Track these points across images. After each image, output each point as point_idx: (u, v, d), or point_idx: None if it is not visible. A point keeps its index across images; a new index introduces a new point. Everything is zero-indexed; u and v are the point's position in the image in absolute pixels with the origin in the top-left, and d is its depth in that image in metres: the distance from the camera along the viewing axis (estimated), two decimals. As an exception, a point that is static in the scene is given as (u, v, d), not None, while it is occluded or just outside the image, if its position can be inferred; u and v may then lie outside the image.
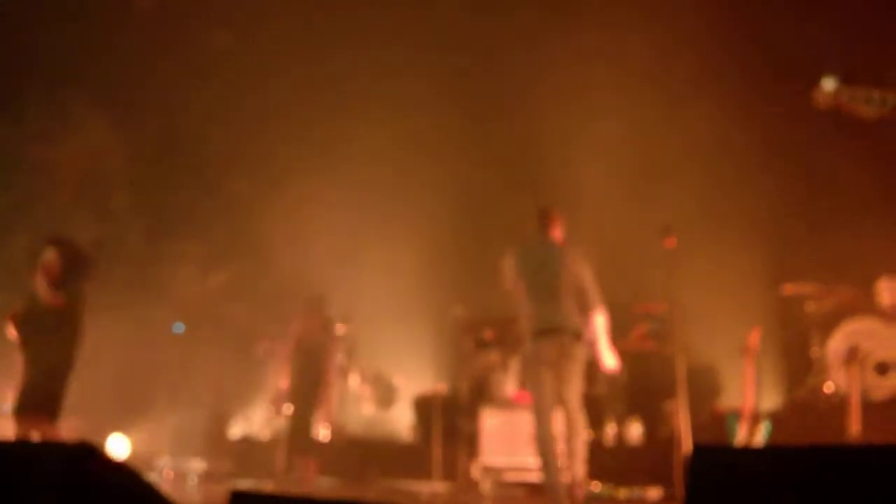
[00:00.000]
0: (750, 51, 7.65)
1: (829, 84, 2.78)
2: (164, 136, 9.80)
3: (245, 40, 9.72)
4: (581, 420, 5.36)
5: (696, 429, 6.17)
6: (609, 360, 5.63)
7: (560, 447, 5.22)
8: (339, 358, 8.59)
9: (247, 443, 8.73)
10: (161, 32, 9.38)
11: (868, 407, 5.40)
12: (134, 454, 8.87)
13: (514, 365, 7.57)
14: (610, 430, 6.88)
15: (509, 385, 7.63)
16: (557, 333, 5.27)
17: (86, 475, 2.12)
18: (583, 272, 5.50)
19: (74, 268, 5.87)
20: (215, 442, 8.48)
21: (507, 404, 6.96)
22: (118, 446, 8.90)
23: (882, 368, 6.19)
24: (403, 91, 8.83)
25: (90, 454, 2.15)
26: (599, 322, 5.51)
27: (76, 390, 9.24)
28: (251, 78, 9.46)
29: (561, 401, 5.29)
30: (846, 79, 2.79)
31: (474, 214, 8.82)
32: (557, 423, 5.27)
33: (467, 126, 8.78)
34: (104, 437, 8.88)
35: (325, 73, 9.32)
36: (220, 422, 8.79)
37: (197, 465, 8.17)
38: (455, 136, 8.78)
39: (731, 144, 7.64)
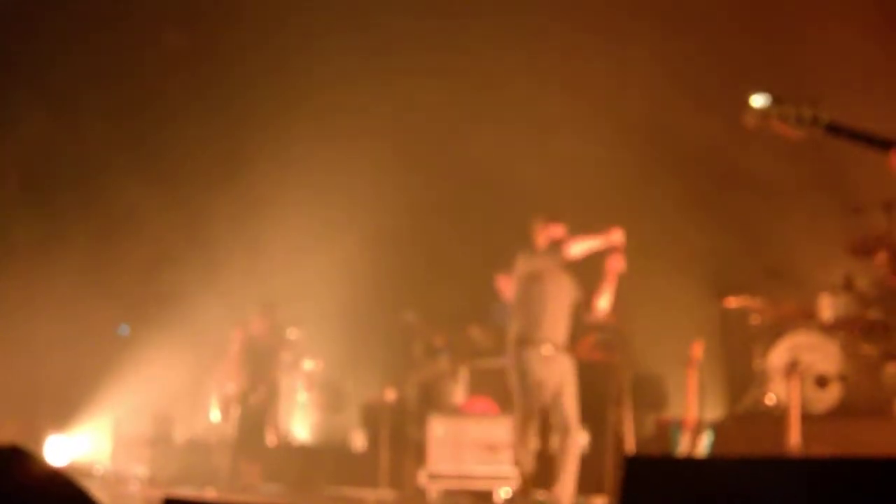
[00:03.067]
0: (692, 69, 7.82)
1: (758, 102, 2.63)
2: (110, 134, 9.63)
3: (197, 41, 9.61)
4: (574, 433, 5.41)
5: (640, 438, 6.26)
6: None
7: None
8: (287, 363, 8.52)
9: (192, 447, 8.59)
10: (109, 31, 9.22)
11: (808, 419, 5.52)
12: (74, 458, 8.67)
13: (464, 372, 7.58)
14: (555, 438, 6.93)
15: (458, 393, 7.64)
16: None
17: (14, 480, 2.06)
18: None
19: None
20: (159, 446, 8.33)
21: (456, 412, 6.96)
22: (58, 450, 8.69)
23: (821, 381, 6.34)
24: (356, 100, 8.83)
25: (19, 458, 2.09)
26: None
27: (17, 391, 9.04)
28: (201, 78, 9.36)
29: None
30: (776, 97, 2.63)
31: (426, 220, 8.82)
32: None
33: (420, 135, 8.81)
34: (44, 439, 8.67)
35: (279, 77, 9.27)
36: (164, 426, 8.63)
37: (139, 470, 8.01)
38: (407, 146, 8.80)
39: (674, 161, 7.79)
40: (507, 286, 7.75)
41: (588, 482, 6.15)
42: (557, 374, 5.49)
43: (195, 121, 9.21)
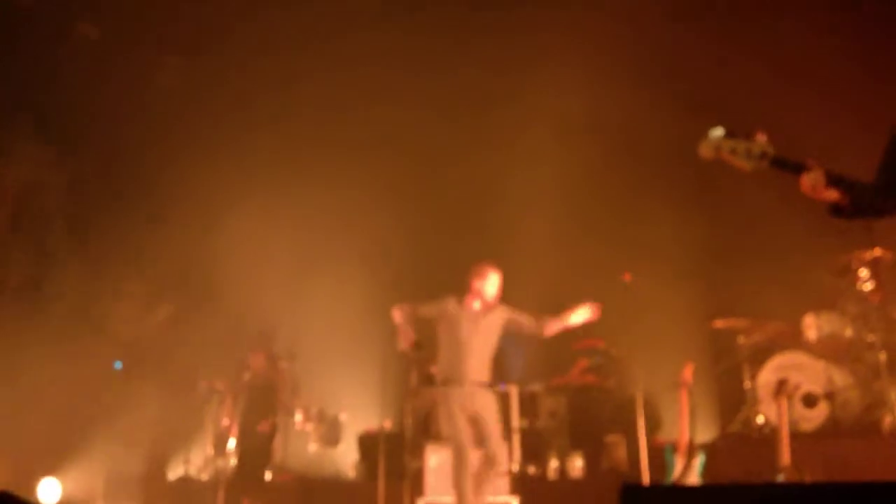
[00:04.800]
0: (678, 95, 8.01)
1: (713, 135, 2.79)
2: (103, 169, 9.65)
3: (188, 75, 9.70)
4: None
5: (636, 461, 6.33)
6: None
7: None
8: (284, 395, 8.53)
9: (185, 484, 8.54)
10: (102, 64, 9.28)
11: (797, 438, 5.61)
12: (67, 498, 8.59)
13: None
14: (552, 463, 6.99)
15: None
16: None
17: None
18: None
19: None
20: (153, 484, 8.28)
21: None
22: (50, 490, 8.62)
23: (810, 401, 6.45)
24: (351, 132, 8.93)
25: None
26: None
27: (8, 431, 8.97)
28: (193, 112, 9.41)
29: None
30: (729, 131, 2.79)
31: (420, 250, 8.90)
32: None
33: (414, 166, 8.91)
34: (36, 479, 8.60)
35: (270, 108, 9.35)
36: (158, 463, 8.58)
37: (132, 508, 7.96)
38: (402, 176, 8.89)
39: (662, 186, 7.94)
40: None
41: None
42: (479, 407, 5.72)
43: (188, 158, 9.26)
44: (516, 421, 7.21)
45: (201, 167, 9.31)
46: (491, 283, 5.90)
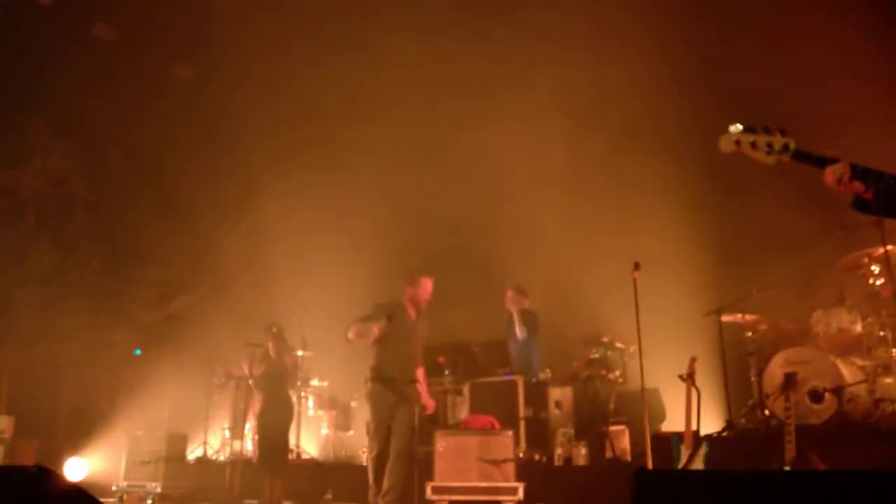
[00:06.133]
0: (690, 94, 7.87)
1: (733, 131, 2.79)
2: (123, 167, 9.70)
3: (205, 71, 9.70)
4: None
5: (640, 451, 6.22)
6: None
7: None
8: (297, 382, 8.51)
9: (204, 465, 8.55)
10: (122, 62, 9.30)
11: (803, 432, 5.49)
12: (91, 477, 8.63)
13: (466, 390, 7.57)
14: (558, 451, 6.90)
15: (461, 409, 7.62)
16: None
17: (40, 498, 2.07)
18: None
19: None
20: (173, 465, 8.29)
21: (460, 428, 6.95)
22: (75, 469, 8.66)
23: (816, 395, 6.31)
24: (360, 130, 8.91)
25: (45, 477, 2.10)
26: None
27: (36, 414, 9.03)
28: (210, 108, 9.42)
29: None
30: (749, 126, 2.79)
31: (432, 240, 8.85)
32: None
33: (423, 152, 8.86)
34: (62, 460, 8.64)
35: (282, 105, 9.35)
36: (178, 444, 8.60)
37: (154, 488, 7.98)
38: (411, 165, 8.85)
39: (672, 184, 7.81)
40: (512, 300, 7.78)
41: (588, 495, 6.12)
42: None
43: (204, 154, 9.27)
44: (522, 410, 7.13)
45: (219, 162, 9.30)
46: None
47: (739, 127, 2.79)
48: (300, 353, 8.64)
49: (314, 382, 8.92)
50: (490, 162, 8.32)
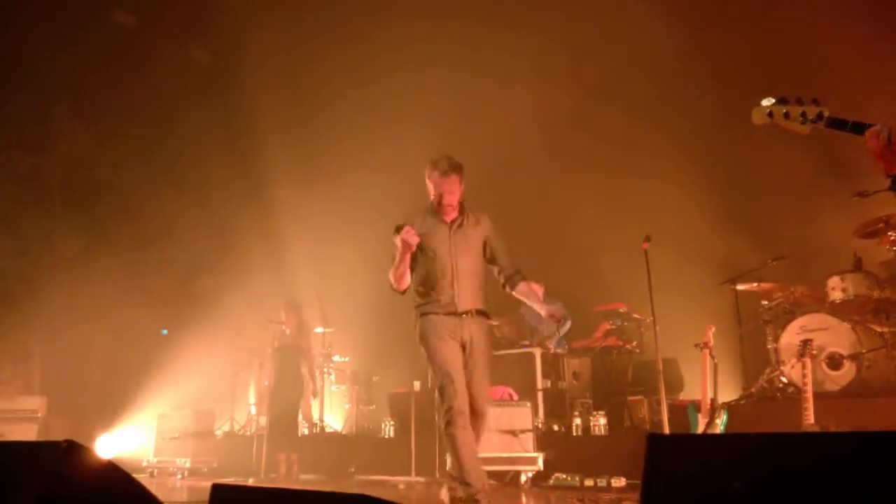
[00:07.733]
0: (707, 65, 7.77)
1: (765, 103, 2.83)
2: (147, 149, 9.75)
3: (224, 54, 9.69)
4: None
5: (657, 420, 6.22)
6: None
7: None
8: (317, 358, 8.58)
9: (231, 440, 8.68)
10: (144, 46, 9.33)
11: (821, 399, 5.46)
12: (122, 454, 8.78)
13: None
14: (576, 421, 6.93)
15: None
16: None
17: (73, 473, 2.10)
18: None
19: None
20: (201, 440, 8.42)
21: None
22: (107, 446, 8.82)
23: (833, 362, 6.25)
24: (374, 117, 8.90)
25: (77, 452, 2.13)
26: None
27: (66, 393, 9.17)
28: (230, 93, 9.44)
29: None
30: (781, 98, 2.81)
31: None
32: None
33: (443, 127, 8.83)
34: (94, 437, 8.79)
35: (300, 87, 9.33)
36: (205, 420, 8.74)
37: (183, 463, 8.11)
38: (431, 138, 8.82)
39: (684, 149, 7.76)
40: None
41: (607, 463, 6.15)
42: None
43: (225, 135, 9.30)
44: (539, 381, 7.15)
45: (239, 143, 9.32)
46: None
47: (772, 99, 2.81)
48: (320, 329, 8.70)
49: (336, 358, 9.00)
50: (506, 135, 8.28)
